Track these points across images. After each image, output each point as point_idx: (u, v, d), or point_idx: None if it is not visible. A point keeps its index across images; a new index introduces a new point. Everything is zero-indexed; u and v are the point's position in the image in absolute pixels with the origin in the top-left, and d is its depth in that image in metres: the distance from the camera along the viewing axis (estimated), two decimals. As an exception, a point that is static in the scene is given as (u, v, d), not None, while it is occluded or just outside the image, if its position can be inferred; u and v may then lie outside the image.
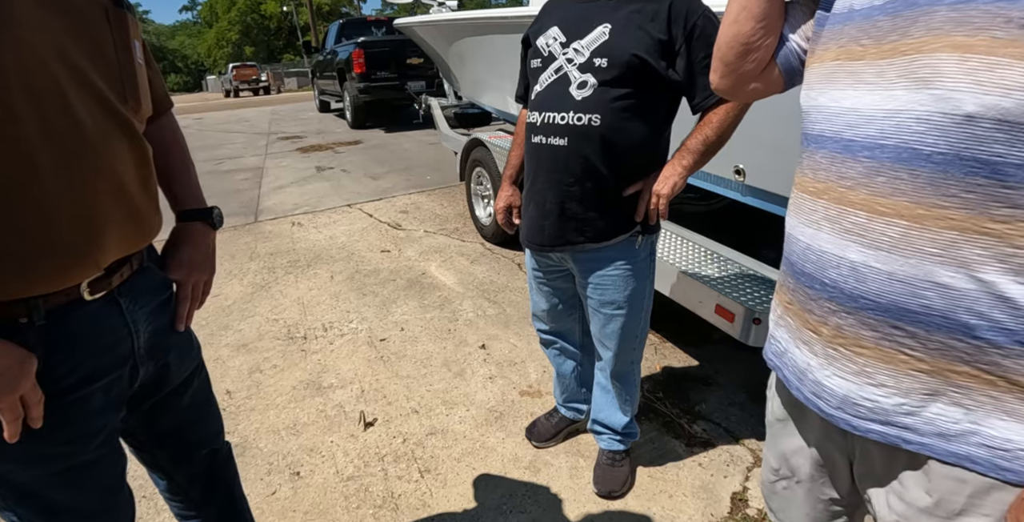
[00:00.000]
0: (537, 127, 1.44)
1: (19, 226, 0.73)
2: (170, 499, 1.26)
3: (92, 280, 0.84)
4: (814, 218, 0.74)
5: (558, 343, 1.86)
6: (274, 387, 2.39)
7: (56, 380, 0.81)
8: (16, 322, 0.77)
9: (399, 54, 9.03)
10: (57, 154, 0.75)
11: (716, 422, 2.09)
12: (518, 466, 1.90)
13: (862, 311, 0.69)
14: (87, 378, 0.86)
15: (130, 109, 0.86)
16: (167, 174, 1.11)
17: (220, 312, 3.09)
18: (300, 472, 1.91)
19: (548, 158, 1.43)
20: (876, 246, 0.66)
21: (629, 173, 1.42)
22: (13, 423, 0.77)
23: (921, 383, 0.66)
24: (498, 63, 3.53)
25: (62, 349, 0.82)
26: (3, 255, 0.73)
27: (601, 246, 1.47)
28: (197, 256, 1.10)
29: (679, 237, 2.41)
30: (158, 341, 1.00)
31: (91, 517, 0.96)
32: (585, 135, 1.36)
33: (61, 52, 0.75)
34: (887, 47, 0.65)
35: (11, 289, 0.75)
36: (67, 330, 0.83)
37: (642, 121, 1.38)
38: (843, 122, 0.70)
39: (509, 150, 1.73)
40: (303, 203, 5.31)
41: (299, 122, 11.89)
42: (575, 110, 1.36)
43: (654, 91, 1.35)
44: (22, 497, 0.87)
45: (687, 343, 2.60)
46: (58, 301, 0.81)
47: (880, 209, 0.65)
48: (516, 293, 3.20)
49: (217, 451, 1.27)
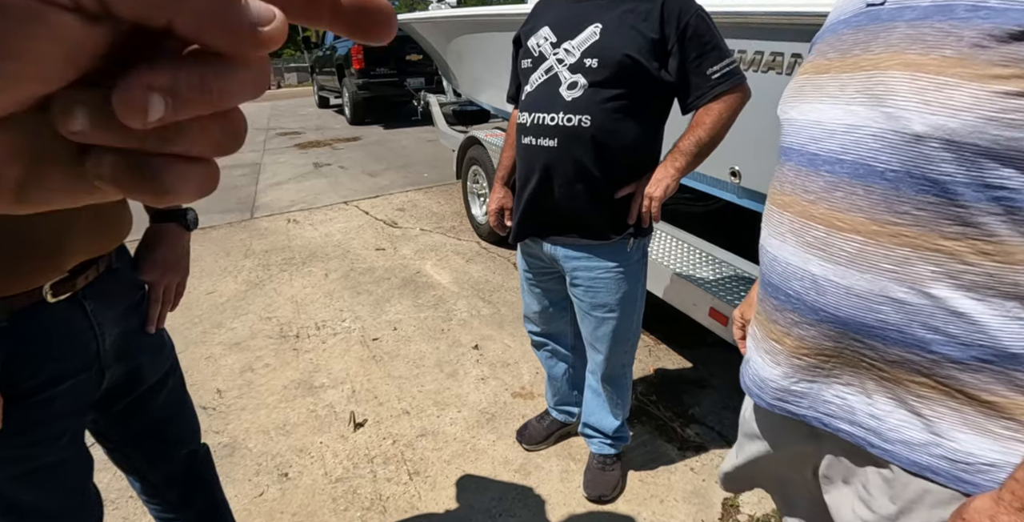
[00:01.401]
0: (527, 128, 1.42)
1: None
2: (148, 501, 1.26)
3: (55, 282, 0.83)
4: (780, 231, 0.75)
5: (550, 345, 1.84)
6: (265, 386, 2.38)
7: (18, 382, 0.81)
8: None
9: (398, 50, 8.99)
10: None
11: (709, 426, 2.07)
12: (508, 469, 1.88)
13: (823, 323, 0.70)
14: (50, 380, 0.85)
15: None
16: None
17: (214, 310, 3.07)
18: (289, 473, 1.89)
19: (539, 159, 1.41)
20: (835, 260, 0.67)
21: (621, 174, 1.40)
22: None
23: (883, 388, 0.67)
24: (496, 61, 3.51)
25: (24, 351, 0.82)
26: None
27: (592, 246, 1.45)
28: (170, 257, 1.09)
29: (674, 238, 2.39)
30: (128, 343, 0.99)
31: (56, 518, 0.95)
32: (575, 136, 1.34)
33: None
34: (850, 61, 0.66)
35: None
36: (29, 332, 0.82)
37: (633, 122, 1.35)
38: (808, 135, 0.70)
39: (501, 151, 1.71)
40: (300, 200, 5.29)
41: (298, 118, 11.84)
42: (565, 111, 1.34)
43: (646, 92, 1.33)
44: None
45: (681, 345, 2.58)
46: (20, 303, 0.80)
47: (838, 224, 0.66)
48: (511, 293, 3.18)
49: (195, 452, 1.26)
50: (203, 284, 3.40)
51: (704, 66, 1.30)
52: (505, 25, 3.17)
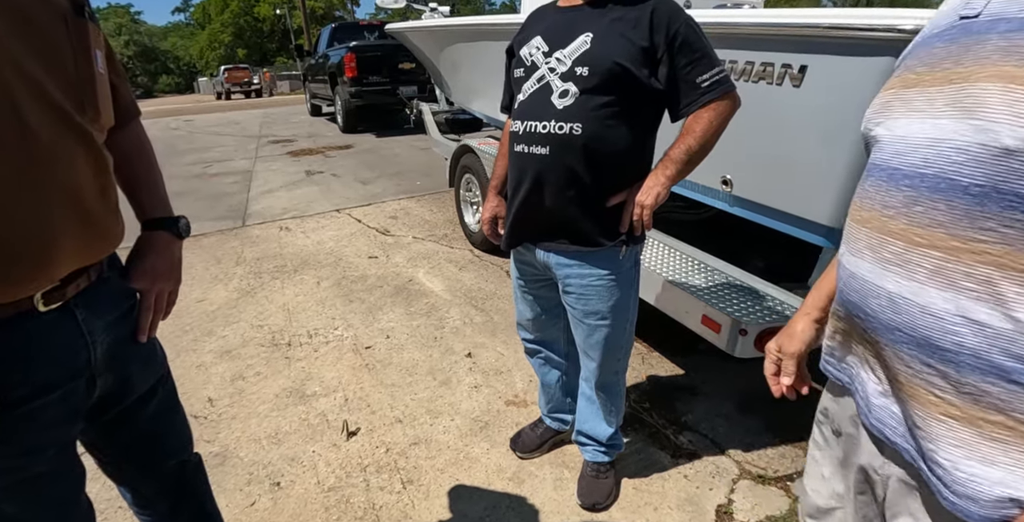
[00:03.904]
0: (520, 136, 1.43)
1: None
2: (139, 513, 1.24)
3: (46, 291, 0.82)
4: (858, 246, 0.72)
5: (543, 352, 1.84)
6: (257, 395, 2.36)
7: (7, 391, 0.80)
8: None
9: (391, 59, 9.04)
10: (6, 165, 0.73)
11: (703, 433, 2.08)
12: (502, 477, 1.87)
13: (897, 344, 0.66)
14: (40, 389, 0.84)
15: (88, 119, 0.85)
16: (132, 183, 1.09)
17: (204, 318, 3.05)
18: (280, 482, 1.88)
19: (531, 167, 1.42)
20: (912, 277, 0.63)
21: (612, 182, 1.41)
22: None
23: (951, 431, 0.62)
24: (489, 70, 3.53)
25: (14, 360, 0.81)
26: None
27: (585, 253, 1.46)
28: (162, 266, 1.08)
29: (666, 246, 2.41)
30: (119, 352, 0.98)
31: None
32: (567, 144, 1.35)
33: (13, 61, 0.73)
34: (939, 75, 0.64)
35: None
36: (20, 341, 0.81)
37: (625, 129, 1.37)
38: (892, 150, 0.68)
39: (495, 160, 1.72)
40: (292, 207, 5.28)
41: (290, 126, 11.84)
42: (557, 119, 1.35)
43: (636, 99, 1.34)
44: None
45: (674, 353, 2.59)
46: (9, 312, 0.79)
47: (917, 239, 0.63)
48: (504, 301, 3.18)
49: (185, 462, 1.25)
50: (194, 292, 3.38)
51: (693, 74, 1.31)
52: (498, 34, 3.20)
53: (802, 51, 1.63)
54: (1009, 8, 0.59)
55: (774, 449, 1.98)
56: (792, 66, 1.66)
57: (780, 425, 2.05)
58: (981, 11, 0.62)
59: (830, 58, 1.56)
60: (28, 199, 0.76)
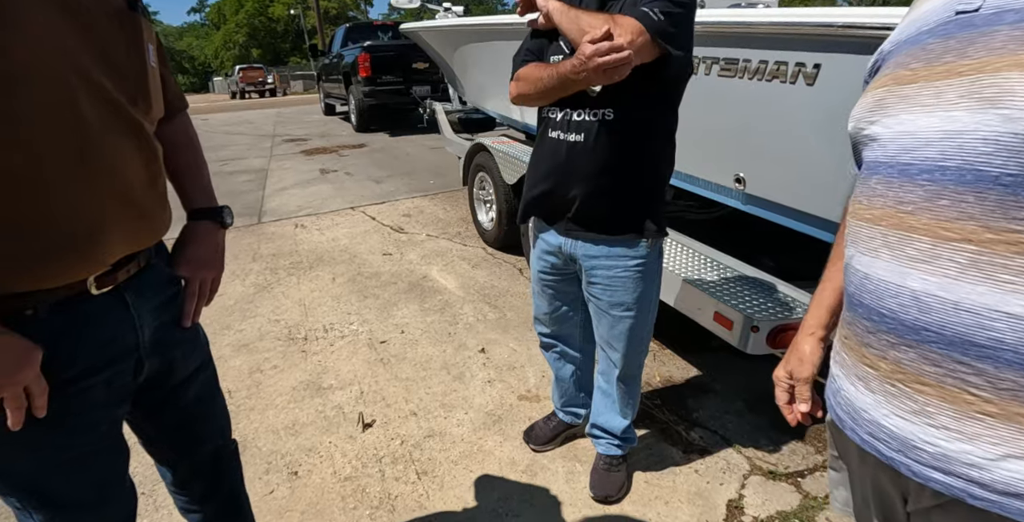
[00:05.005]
0: (556, 122, 1.46)
1: (25, 223, 0.75)
2: (175, 492, 1.28)
3: (98, 275, 0.86)
4: (872, 246, 0.69)
5: (558, 347, 1.87)
6: (274, 387, 2.40)
7: (60, 371, 0.83)
8: (22, 314, 0.79)
9: (405, 58, 9.09)
10: (62, 154, 0.76)
11: (713, 430, 2.09)
12: (515, 470, 1.90)
13: (924, 344, 0.63)
14: (90, 370, 0.88)
15: (140, 110, 0.88)
16: (179, 173, 1.12)
17: (222, 312, 3.10)
18: (298, 472, 1.92)
19: (564, 154, 1.45)
20: (942, 273, 0.61)
21: (643, 165, 1.45)
22: (17, 412, 0.79)
23: (989, 429, 0.60)
24: (502, 69, 3.55)
25: (67, 341, 0.84)
26: (9, 251, 0.75)
27: (611, 243, 1.49)
28: (205, 254, 1.12)
29: (679, 244, 2.42)
30: (164, 336, 1.01)
31: (90, 508, 0.97)
32: (600, 130, 1.39)
33: (70, 54, 0.76)
34: (941, 69, 0.63)
35: (18, 284, 0.77)
36: (72, 323, 0.84)
37: (652, 110, 1.41)
38: (897, 147, 0.66)
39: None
40: (306, 205, 5.34)
41: (304, 125, 11.94)
42: (591, 106, 1.39)
43: (662, 80, 1.36)
44: (23, 485, 0.89)
45: (686, 350, 2.61)
46: (64, 295, 0.82)
47: (945, 234, 0.60)
48: (517, 298, 3.21)
49: (223, 447, 1.28)
50: (212, 287, 3.44)
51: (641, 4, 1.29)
52: (511, 34, 3.22)
53: (816, 50, 1.64)
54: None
55: (785, 446, 2.00)
56: (806, 65, 1.68)
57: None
58: (981, 5, 0.62)
59: (844, 57, 1.58)
60: (83, 187, 0.79)
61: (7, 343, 0.75)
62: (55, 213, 0.77)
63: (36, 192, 0.75)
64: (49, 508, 0.92)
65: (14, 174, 0.73)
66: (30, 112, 0.73)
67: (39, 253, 0.77)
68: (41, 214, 0.76)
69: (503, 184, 3.52)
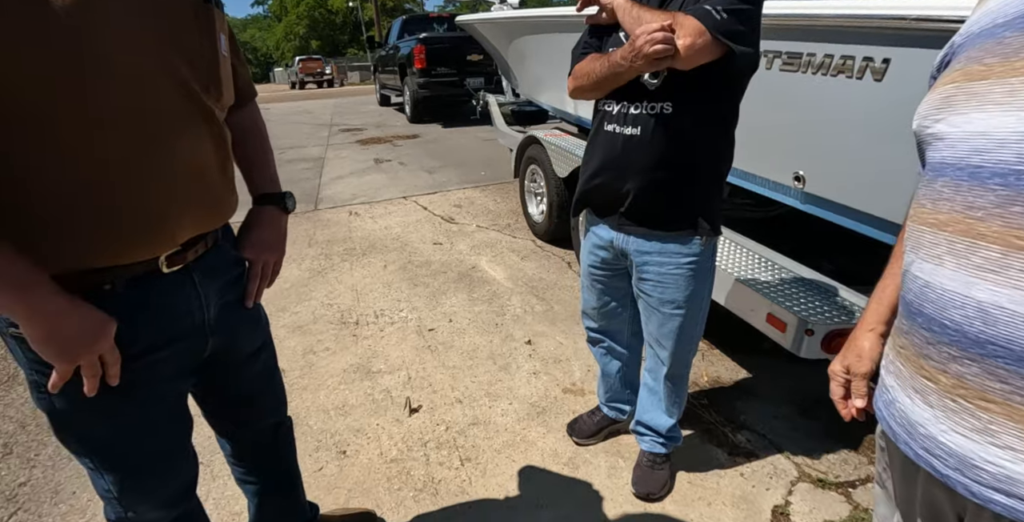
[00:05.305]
0: (612, 116, 1.45)
1: (105, 203, 0.80)
2: (233, 464, 1.35)
3: (169, 254, 0.91)
4: (935, 253, 0.66)
5: (606, 342, 1.86)
6: (326, 369, 2.49)
7: (132, 344, 0.88)
8: (100, 289, 0.85)
9: (459, 50, 9.15)
10: (140, 139, 0.81)
11: (761, 433, 2.05)
12: (557, 462, 1.92)
13: (989, 359, 0.60)
14: (160, 344, 0.93)
15: (212, 98, 0.93)
16: (246, 159, 1.17)
17: (278, 294, 3.22)
18: (346, 451, 1.98)
19: (620, 147, 1.44)
20: (1012, 284, 0.57)
21: (700, 161, 1.42)
22: (92, 379, 0.85)
23: None
24: (557, 62, 3.54)
25: (139, 316, 0.89)
26: (91, 228, 0.80)
27: (665, 239, 1.48)
28: (268, 237, 1.17)
29: (733, 243, 2.37)
30: (228, 315, 1.06)
31: (156, 473, 1.03)
32: (657, 125, 1.37)
33: (148, 42, 0.81)
34: (1020, 64, 0.59)
35: (97, 259, 0.83)
36: (145, 299, 0.90)
37: (712, 105, 1.38)
38: (968, 147, 0.63)
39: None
40: (361, 193, 5.47)
41: (360, 115, 12.19)
42: (648, 99, 1.37)
43: (722, 75, 1.32)
44: (96, 449, 0.96)
45: (735, 351, 2.56)
46: (138, 272, 0.88)
47: (1018, 242, 0.57)
48: (565, 291, 3.21)
49: (280, 424, 1.35)
50: (269, 270, 3.57)
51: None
52: (567, 26, 3.20)
53: (886, 44, 1.58)
54: None
55: (835, 454, 1.94)
56: (874, 59, 1.61)
57: (842, 430, 2.00)
58: None
59: (916, 51, 1.50)
60: (159, 171, 0.84)
61: (87, 315, 0.81)
62: (132, 194, 0.82)
63: (115, 174, 0.80)
64: (118, 471, 0.98)
65: (96, 158, 0.78)
66: (112, 99, 0.77)
67: (117, 231, 0.83)
68: (119, 195, 0.81)
69: (555, 177, 3.52)
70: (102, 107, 0.77)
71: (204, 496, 1.77)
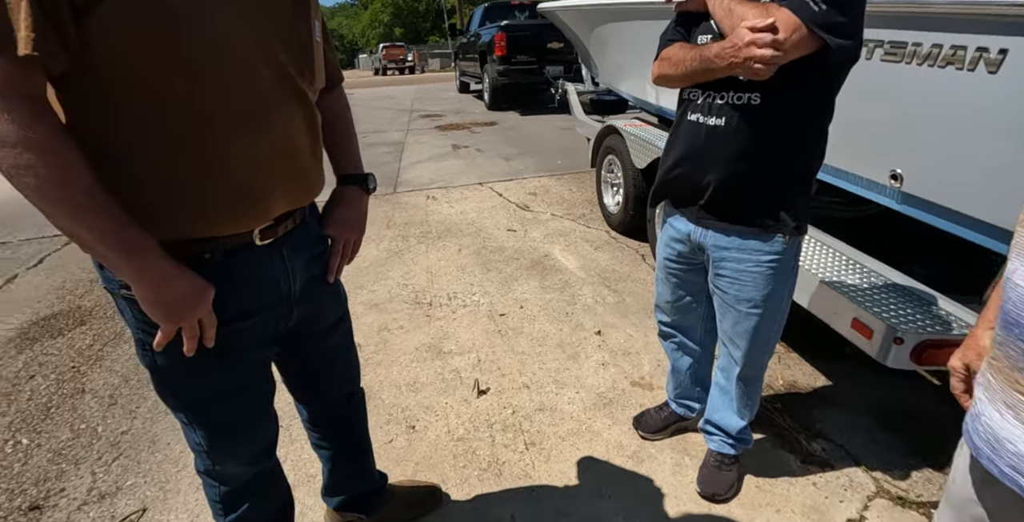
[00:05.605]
0: (697, 105, 1.42)
1: (208, 178, 0.87)
2: (309, 429, 1.43)
3: (263, 228, 0.98)
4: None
5: (677, 337, 1.84)
6: (399, 346, 2.58)
7: (225, 310, 0.96)
8: (201, 258, 0.92)
9: (540, 38, 9.12)
10: (242, 120, 0.87)
11: (838, 443, 1.96)
12: (621, 454, 1.91)
13: None
14: (250, 311, 1.00)
15: (306, 81, 0.98)
16: (332, 141, 1.23)
17: (357, 272, 3.36)
18: (415, 426, 2.06)
19: (703, 137, 1.40)
20: None
21: (787, 155, 1.36)
22: (191, 340, 0.93)
23: None
24: (641, 50, 3.47)
25: (234, 284, 0.96)
26: (197, 201, 0.87)
27: (745, 234, 1.43)
28: (351, 216, 1.22)
29: (819, 242, 2.27)
30: (311, 287, 1.13)
31: (241, 431, 1.12)
32: (744, 115, 1.33)
33: (252, 28, 0.86)
34: None
35: (198, 230, 0.90)
36: (239, 269, 0.97)
37: (804, 98, 1.31)
38: None
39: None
40: (438, 178, 5.58)
41: (439, 101, 12.39)
42: (736, 89, 1.33)
43: (819, 63, 1.24)
44: (190, 404, 1.05)
45: (814, 356, 2.45)
46: (234, 243, 0.95)
47: None
48: (637, 283, 3.18)
49: (353, 394, 1.42)
50: (349, 249, 3.73)
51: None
52: (652, 14, 3.13)
53: (1003, 33, 1.45)
54: None
55: (919, 472, 1.83)
56: (989, 50, 1.49)
57: (928, 448, 1.88)
58: None
59: None
60: (257, 149, 0.91)
61: (190, 280, 0.88)
62: (232, 170, 0.89)
63: (217, 152, 0.87)
64: (208, 426, 1.07)
65: (201, 137, 0.85)
66: (220, 82, 0.84)
67: (218, 204, 0.89)
68: (221, 170, 0.88)
69: (632, 168, 3.46)
70: (210, 90, 0.83)
71: (282, 457, 1.87)
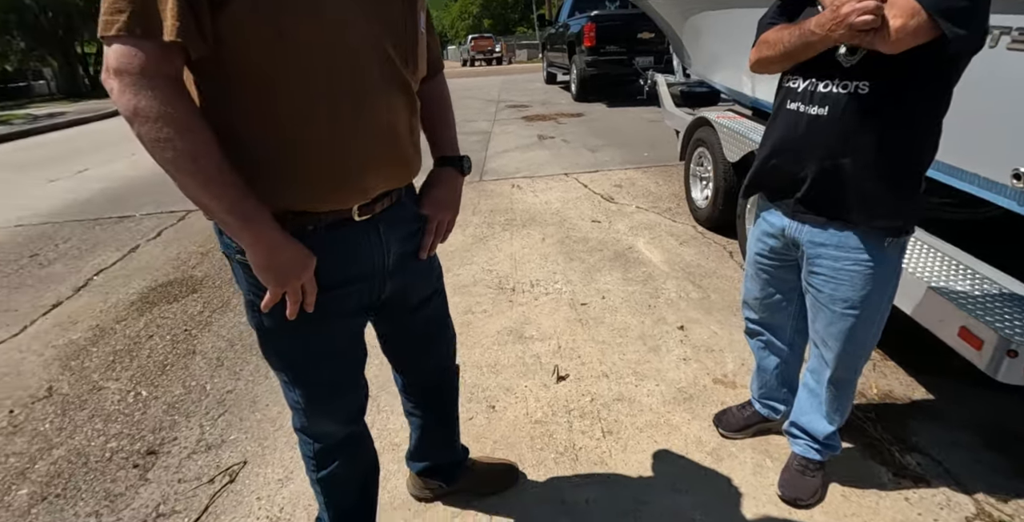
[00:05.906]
0: (797, 93, 1.37)
1: (317, 157, 0.95)
2: (405, 397, 1.53)
3: (361, 205, 1.05)
4: None
5: (765, 335, 1.79)
6: (482, 329, 2.66)
7: (324, 278, 1.04)
8: (305, 229, 1.00)
9: (630, 28, 8.96)
10: (350, 105, 0.94)
11: (936, 459, 1.84)
12: (700, 450, 1.89)
13: None
14: (347, 281, 1.08)
15: (409, 71, 1.05)
16: (431, 125, 1.29)
17: (443, 256, 3.39)
18: (495, 406, 2.12)
19: (803, 127, 1.35)
20: None
21: (895, 149, 1.28)
22: (294, 305, 1.01)
23: None
24: (737, 39, 3.34)
25: (333, 255, 1.04)
26: (301, 177, 0.95)
27: (844, 230, 1.37)
28: (446, 197, 1.28)
29: (926, 245, 2.13)
30: (405, 263, 1.19)
31: (333, 394, 1.21)
32: (849, 105, 1.27)
33: (363, 20, 0.93)
34: None
35: (304, 203, 0.98)
36: (338, 241, 1.05)
37: (916, 89, 1.23)
38: None
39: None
40: (524, 168, 5.64)
41: (526, 92, 12.45)
42: (841, 77, 1.27)
43: (933, 55, 1.16)
44: (290, 365, 1.15)
45: (913, 366, 2.31)
46: (335, 218, 1.03)
47: None
48: (723, 280, 3.10)
49: (446, 368, 1.49)
50: (436, 234, 3.87)
51: None
52: (750, 1, 3.00)
53: None
54: None
55: (1027, 498, 1.70)
56: None
57: (1041, 472, 1.75)
58: None
59: None
60: (362, 131, 0.98)
61: (296, 249, 0.97)
62: (338, 150, 0.96)
63: (325, 134, 0.94)
64: (306, 386, 1.17)
65: (311, 120, 0.92)
66: (332, 72, 0.91)
67: (325, 181, 0.97)
68: (328, 150, 0.96)
69: (724, 161, 3.37)
70: (322, 78, 0.91)
71: (370, 424, 1.99)
